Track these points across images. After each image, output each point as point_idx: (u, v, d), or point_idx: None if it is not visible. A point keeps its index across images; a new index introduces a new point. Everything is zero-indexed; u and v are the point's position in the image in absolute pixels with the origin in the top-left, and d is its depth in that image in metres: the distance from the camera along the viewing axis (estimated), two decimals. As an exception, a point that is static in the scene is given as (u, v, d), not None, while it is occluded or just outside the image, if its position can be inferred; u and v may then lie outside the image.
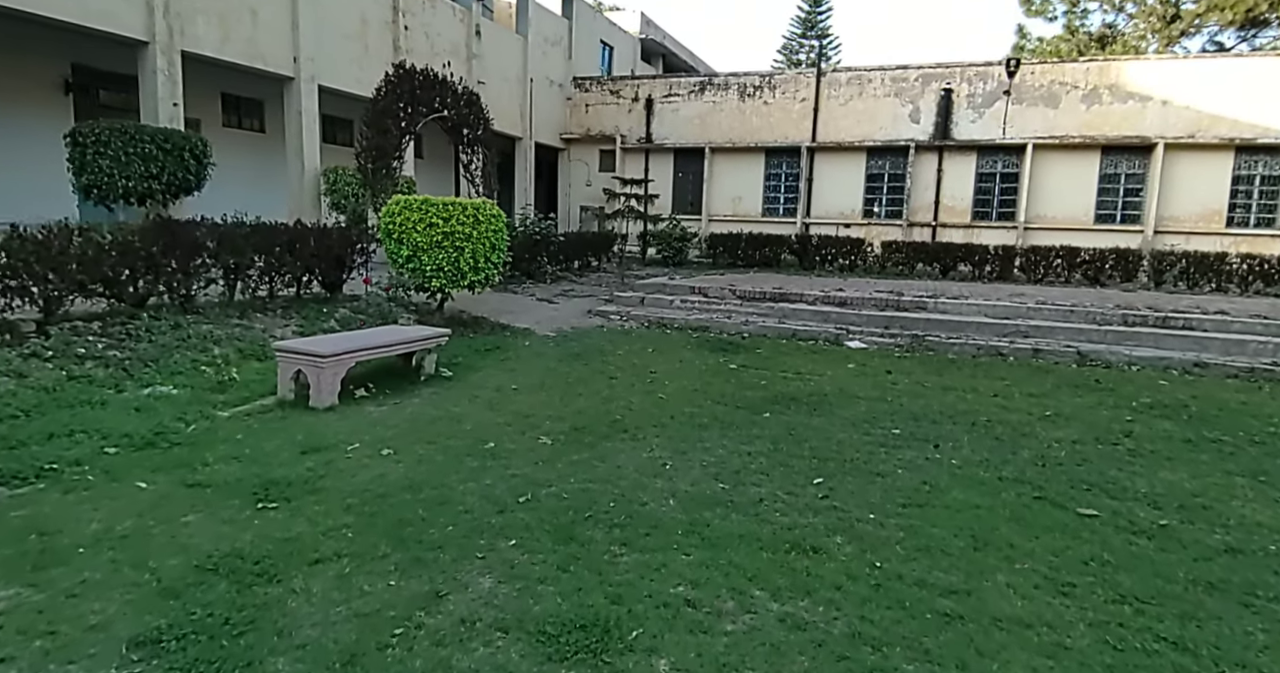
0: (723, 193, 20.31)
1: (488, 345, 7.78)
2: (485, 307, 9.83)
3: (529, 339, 8.37)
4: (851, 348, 8.76)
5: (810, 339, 9.09)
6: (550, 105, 20.72)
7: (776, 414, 5.49)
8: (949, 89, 18.74)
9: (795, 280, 12.68)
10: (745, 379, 6.78)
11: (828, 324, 9.42)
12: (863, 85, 19.04)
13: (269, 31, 11.21)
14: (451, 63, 16.07)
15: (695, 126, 20.35)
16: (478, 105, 10.42)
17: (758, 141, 19.66)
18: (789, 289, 10.51)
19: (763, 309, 9.88)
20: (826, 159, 19.42)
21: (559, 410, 5.41)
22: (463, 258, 7.72)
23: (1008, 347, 8.55)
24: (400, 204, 7.63)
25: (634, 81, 21.19)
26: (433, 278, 7.65)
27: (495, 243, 8.17)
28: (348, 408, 5.24)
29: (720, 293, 10.32)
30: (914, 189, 18.84)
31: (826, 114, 19.23)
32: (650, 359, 7.60)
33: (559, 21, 21.09)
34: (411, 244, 7.61)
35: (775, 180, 19.97)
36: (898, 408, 5.83)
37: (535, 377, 6.56)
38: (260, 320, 7.25)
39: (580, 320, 9.74)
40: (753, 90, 19.77)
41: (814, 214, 19.56)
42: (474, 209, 7.82)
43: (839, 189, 19.32)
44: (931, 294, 10.35)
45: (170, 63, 9.59)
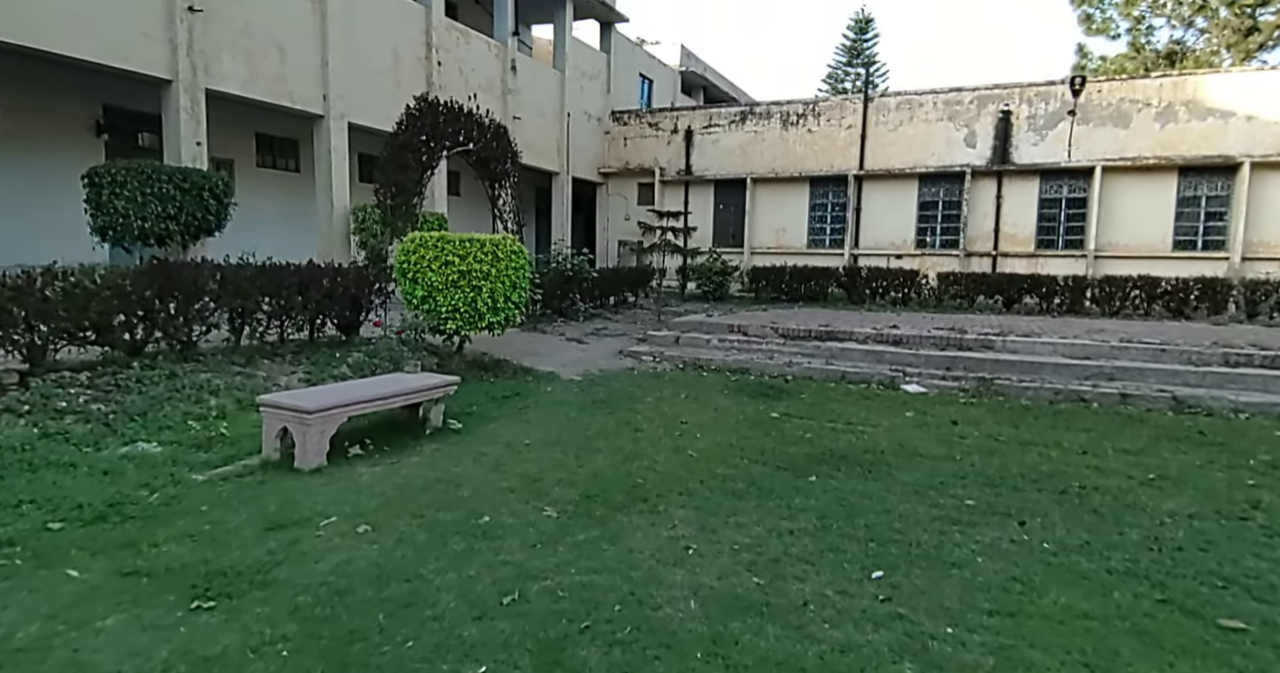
0: (765, 224, 19.70)
1: (506, 392, 7.24)
2: (509, 348, 9.33)
3: (552, 384, 7.80)
4: (909, 392, 7.95)
5: (861, 382, 8.31)
6: (588, 139, 20.54)
7: (824, 477, 4.76)
8: (1007, 111, 17.91)
9: (843, 316, 11.90)
10: (788, 431, 6.06)
11: (881, 365, 8.63)
12: (913, 110, 18.34)
13: (298, 69, 11.17)
14: (485, 97, 15.99)
15: (736, 157, 19.88)
16: (505, 138, 10.10)
17: (802, 171, 19.06)
18: (837, 326, 9.77)
19: (808, 349, 9.15)
20: (875, 187, 18.68)
21: (572, 472, 4.78)
22: (480, 298, 7.24)
23: (1090, 391, 7.62)
24: (415, 241, 7.23)
25: (673, 113, 20.92)
26: (448, 320, 7.18)
27: (516, 281, 7.68)
28: (337, 469, 4.71)
29: (761, 331, 9.64)
30: (971, 217, 17.93)
31: (875, 141, 18.55)
32: (682, 407, 6.94)
33: (597, 56, 21.04)
34: (426, 284, 7.17)
35: (821, 210, 19.28)
36: (969, 469, 5.03)
37: (552, 429, 5.96)
38: (266, 367, 6.85)
39: (610, 362, 9.15)
40: (796, 118, 19.25)
41: (862, 245, 18.76)
42: (493, 246, 7.36)
43: (889, 218, 18.51)
44: (998, 331, 9.47)
45: (194, 101, 9.53)
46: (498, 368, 8.32)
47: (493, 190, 10.48)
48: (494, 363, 8.47)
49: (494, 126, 9.99)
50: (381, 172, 8.39)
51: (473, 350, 8.81)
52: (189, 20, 9.27)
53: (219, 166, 13.03)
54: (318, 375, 6.93)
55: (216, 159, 12.98)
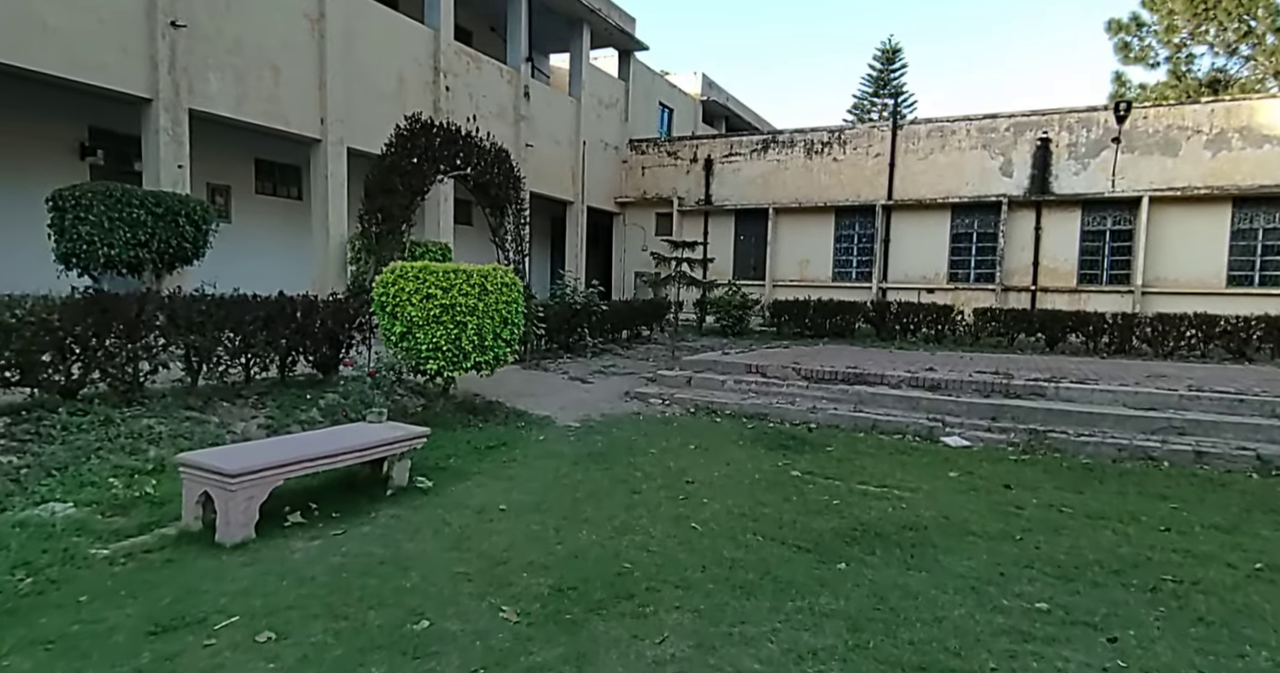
0: (788, 256, 18.97)
1: (492, 441, 6.48)
2: (505, 388, 8.61)
3: (545, 432, 7.04)
4: (950, 446, 7.07)
5: (895, 433, 7.44)
6: (604, 168, 20.07)
7: (856, 564, 3.91)
8: (1046, 138, 17.13)
9: (873, 356, 11.04)
10: (811, 496, 5.22)
11: (917, 414, 7.75)
12: (945, 137, 17.63)
13: (293, 90, 10.75)
14: (497, 124, 15.56)
15: (758, 186, 19.25)
16: (507, 163, 9.52)
17: (827, 201, 18.37)
18: (866, 367, 8.92)
19: (834, 393, 8.30)
20: (905, 218, 17.90)
21: (548, 550, 3.99)
22: (465, 335, 6.54)
23: (1159, 448, 6.69)
24: (394, 272, 6.57)
25: (692, 142, 20.41)
26: (429, 359, 6.48)
27: (508, 316, 6.98)
28: (266, 544, 3.96)
29: (782, 372, 8.82)
30: (1008, 249, 17.05)
31: (904, 169, 17.83)
32: (689, 461, 6.12)
33: (615, 84, 20.68)
34: (406, 319, 6.49)
35: (847, 242, 18.52)
36: (1034, 554, 4.16)
37: (536, 489, 5.18)
38: (224, 412, 6.17)
39: (614, 405, 8.38)
40: (820, 147, 18.62)
41: (891, 278, 17.92)
42: (481, 277, 6.68)
43: (920, 250, 17.69)
44: (1049, 376, 8.56)
45: (175, 121, 9.08)
46: (488, 411, 7.59)
47: (494, 217, 9.88)
48: (485, 406, 7.74)
49: (495, 150, 9.42)
50: (368, 196, 7.80)
51: (463, 391, 8.10)
52: (171, 36, 8.86)
53: (215, 193, 12.64)
54: (282, 421, 6.23)
55: (213, 185, 12.59)
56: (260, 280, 8.05)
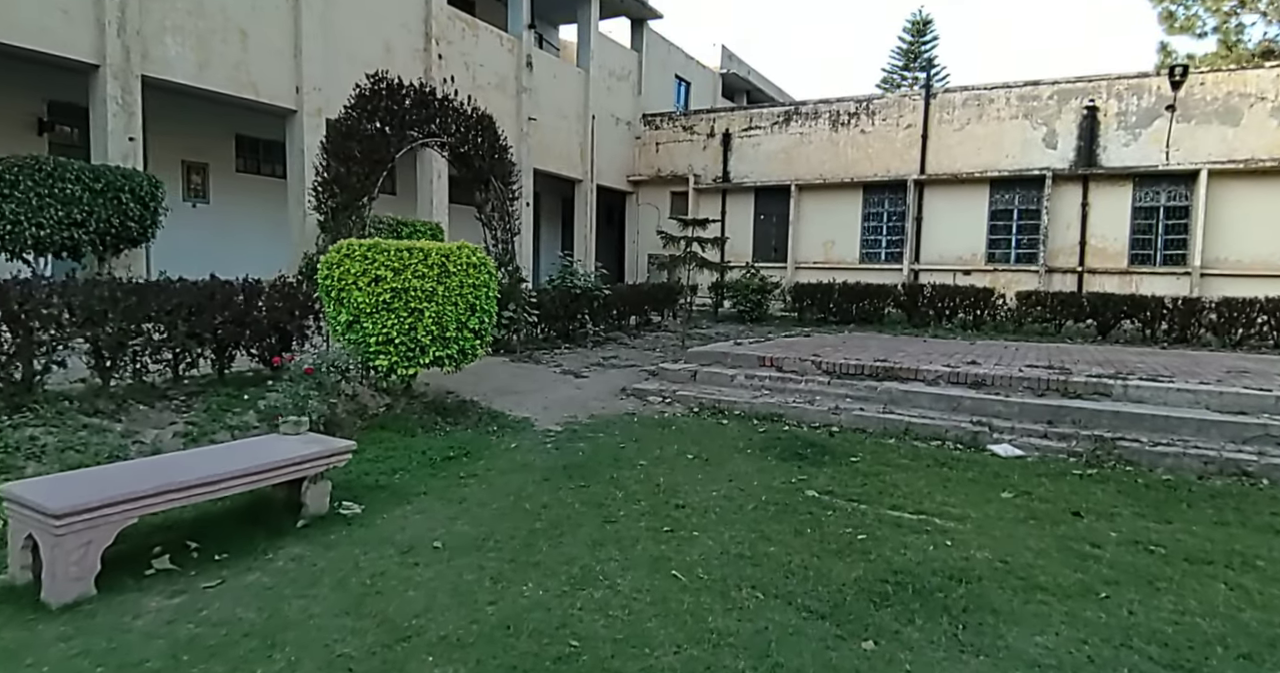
0: (812, 236, 17.75)
1: (454, 449, 5.51)
2: (485, 384, 7.65)
3: (520, 437, 6.05)
4: (1000, 456, 5.96)
5: (933, 438, 6.34)
6: (615, 145, 18.96)
7: (889, 640, 2.87)
8: (1093, 107, 15.69)
9: (904, 345, 9.89)
10: (830, 527, 4.17)
11: (958, 415, 6.64)
12: (983, 107, 16.24)
13: (264, 57, 9.81)
14: (497, 97, 14.51)
15: (779, 162, 18.03)
16: (492, 131, 8.49)
17: (854, 176, 17.10)
18: (898, 359, 7.80)
19: (861, 390, 7.21)
20: (939, 194, 16.58)
21: (473, 617, 3.00)
22: (421, 325, 5.56)
23: (1255, 461, 5.53)
24: (340, 252, 5.61)
25: (709, 115, 19.20)
26: (378, 353, 5.52)
27: (476, 303, 5.99)
28: (108, 603, 3.03)
29: (800, 365, 7.74)
30: (1052, 228, 15.69)
31: (938, 142, 16.49)
32: (684, 476, 5.10)
33: (627, 54, 19.51)
34: (352, 306, 5.53)
35: (876, 220, 17.25)
36: (1127, 622, 3.08)
37: (487, 516, 4.20)
38: (139, 416, 5.27)
39: (606, 403, 7.37)
40: (847, 118, 17.32)
41: (924, 259, 16.65)
42: (441, 257, 5.69)
43: (956, 229, 16.37)
44: (1113, 371, 7.39)
45: (125, 90, 8.18)
46: (459, 412, 6.62)
47: (479, 193, 8.89)
48: (456, 405, 6.78)
49: (478, 117, 8.39)
50: (322, 166, 6.85)
51: (436, 388, 7.15)
52: (121, -5, 7.96)
53: (191, 172, 11.81)
54: (207, 427, 5.32)
55: (189, 163, 11.76)
56: (241, 265, 7.20)
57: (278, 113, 10.42)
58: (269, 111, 10.36)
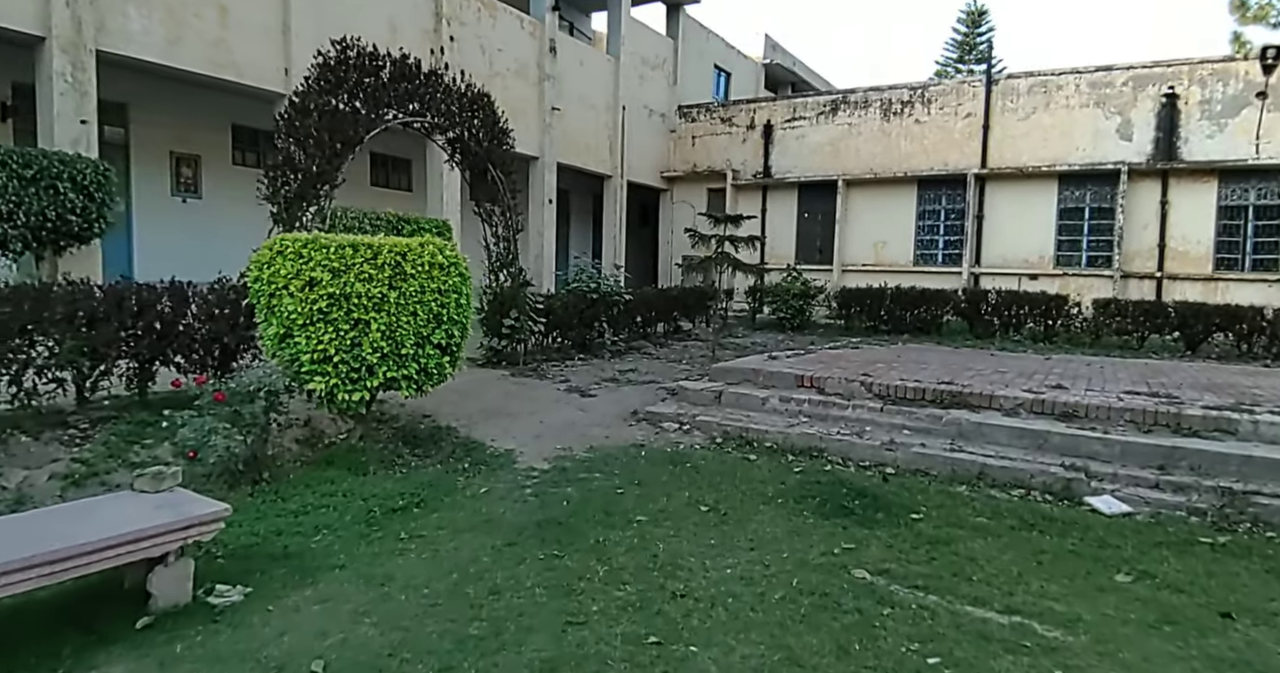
0: (861, 236, 16.32)
1: (406, 497, 4.41)
2: (474, 404, 6.56)
3: (494, 479, 4.91)
4: (1103, 513, 4.62)
5: (1014, 486, 5.03)
6: (649, 138, 17.80)
7: None
8: (1172, 94, 13.97)
9: (971, 361, 8.50)
10: (889, 640, 2.94)
11: (1046, 457, 5.29)
12: (1050, 94, 14.62)
13: (248, 34, 8.91)
14: (517, 84, 13.48)
15: (825, 155, 16.64)
16: (489, 111, 7.42)
17: (908, 170, 15.62)
18: (966, 382, 6.47)
19: (921, 420, 5.90)
20: (1002, 189, 15.01)
21: None
22: (368, 339, 4.47)
23: None
24: (273, 247, 4.56)
25: (749, 106, 17.90)
26: (313, 374, 4.45)
27: (443, 312, 4.88)
28: None
29: (846, 388, 6.45)
30: (1128, 228, 14.02)
31: (1000, 132, 14.93)
32: (691, 542, 3.91)
33: (662, 41, 18.33)
34: (284, 316, 4.47)
35: (932, 219, 15.74)
36: None
37: (410, 613, 3.07)
38: (17, 450, 4.29)
39: (612, 431, 6.19)
40: (900, 107, 15.86)
41: (985, 262, 15.09)
42: (395, 255, 4.60)
43: (1021, 229, 14.79)
44: (1232, 401, 5.95)
45: (76, 65, 7.32)
46: (432, 442, 5.53)
47: (474, 184, 7.82)
48: (430, 433, 5.69)
49: (472, 94, 7.32)
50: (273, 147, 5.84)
51: (412, 410, 6.09)
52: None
53: (181, 163, 11.03)
54: (101, 466, 4.32)
55: (178, 155, 10.99)
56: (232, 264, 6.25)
57: (265, 97, 9.52)
58: (255, 96, 9.47)
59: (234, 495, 4.33)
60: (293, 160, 5.69)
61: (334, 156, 5.89)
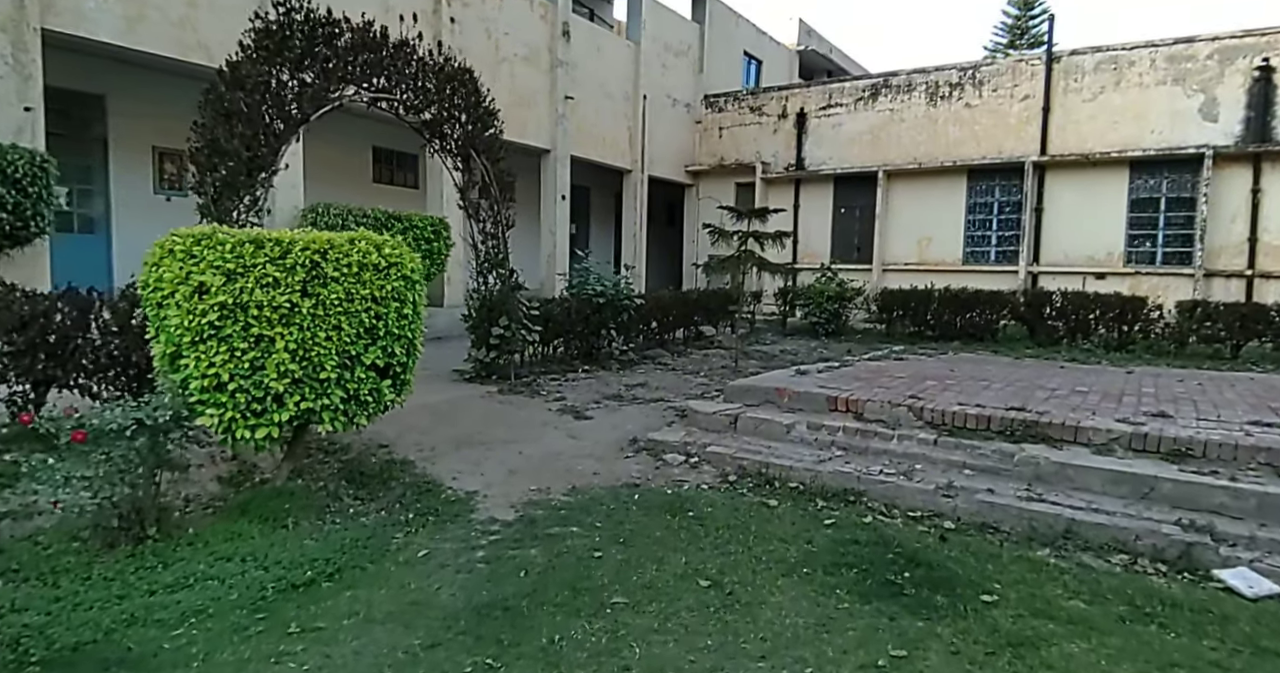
0: (903, 232, 15.07)
1: (321, 565, 3.46)
2: (446, 429, 5.62)
3: (442, 536, 3.93)
4: (1242, 596, 3.47)
5: (1114, 550, 3.89)
6: (672, 130, 16.78)
7: None
8: (1267, 67, 12.48)
9: (1041, 378, 7.30)
10: None
11: (1152, 509, 4.14)
12: (1120, 71, 13.22)
13: (217, 13, 8.13)
14: (527, 70, 12.58)
15: (864, 145, 15.43)
16: (471, 88, 6.48)
17: (957, 159, 14.34)
18: (1040, 408, 5.31)
19: (987, 458, 4.77)
20: (1064, 179, 13.66)
21: None
22: (272, 360, 3.53)
23: None
24: (165, 246, 3.65)
25: (780, 93, 16.76)
26: (203, 405, 3.52)
27: (379, 324, 3.92)
28: None
29: (891, 413, 5.35)
30: (1212, 220, 12.57)
31: (1063, 115, 13.57)
32: (680, 645, 2.88)
33: (686, 26, 17.29)
34: (171, 331, 3.56)
35: (983, 212, 14.43)
36: None
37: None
38: None
39: (603, 465, 5.18)
40: (948, 90, 14.58)
41: (1044, 260, 13.75)
42: (312, 254, 3.65)
43: (1085, 222, 13.42)
44: (1404, 435, 4.70)
45: (17, 46, 6.57)
46: (380, 481, 4.59)
47: (459, 172, 6.89)
48: (381, 469, 4.75)
49: (451, 70, 6.39)
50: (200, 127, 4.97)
51: (367, 439, 5.17)
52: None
53: (165, 159, 10.34)
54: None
55: (161, 150, 10.30)
56: None
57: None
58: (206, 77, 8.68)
59: (108, 559, 3.45)
60: (217, 143, 4.79)
61: (273, 138, 4.99)
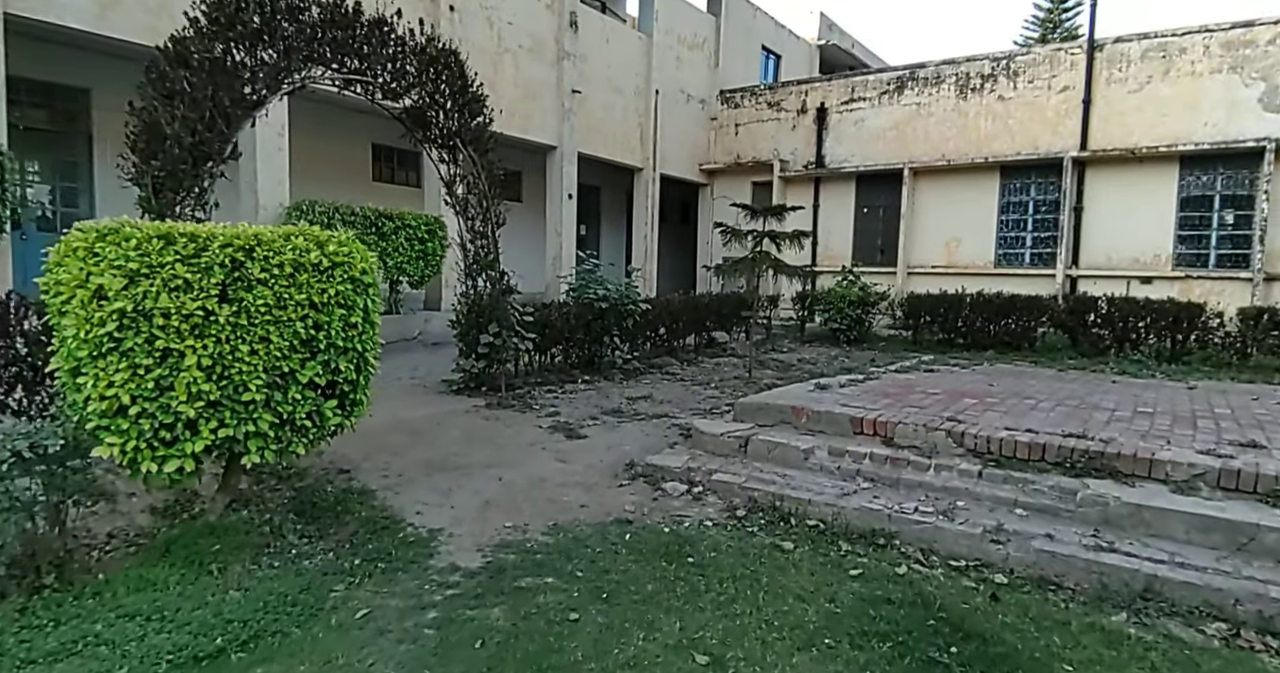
0: (931, 233, 14.32)
1: (232, 631, 2.85)
2: (421, 449, 5.03)
3: (392, 586, 3.32)
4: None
5: (1210, 617, 3.19)
6: (685, 126, 16.15)
7: None
8: (1331, 53, 11.61)
9: (1094, 396, 6.57)
10: None
11: (1254, 563, 3.43)
12: (1170, 59, 12.40)
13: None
14: (532, 62, 12.04)
15: (889, 141, 14.70)
16: (457, 71, 5.91)
17: (989, 155, 13.58)
18: (1104, 435, 4.61)
19: (1043, 494, 4.08)
20: (1106, 176, 12.85)
21: None
22: (181, 381, 2.95)
23: None
24: (70, 242, 3.08)
25: (799, 87, 16.07)
26: (102, 432, 2.95)
27: (319, 335, 3.33)
28: None
29: (927, 439, 4.67)
30: (1274, 219, 11.70)
31: (1105, 107, 12.77)
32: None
33: (702, 18, 16.67)
34: (70, 344, 2.99)
35: (1018, 212, 13.65)
36: None
37: None
38: None
39: (594, 496, 4.55)
40: (980, 82, 13.82)
41: (1084, 262, 12.94)
42: (234, 252, 3.07)
43: (1130, 222, 12.59)
44: None
45: (-34, 30, 6.12)
46: (334, 514, 3.99)
47: (445, 164, 6.32)
48: (336, 500, 4.15)
49: (435, 52, 5.82)
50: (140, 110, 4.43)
51: (331, 458, 4.60)
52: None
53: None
54: None
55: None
56: None
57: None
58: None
59: (-12, 615, 2.89)
60: (158, 127, 4.24)
61: (222, 122, 4.43)
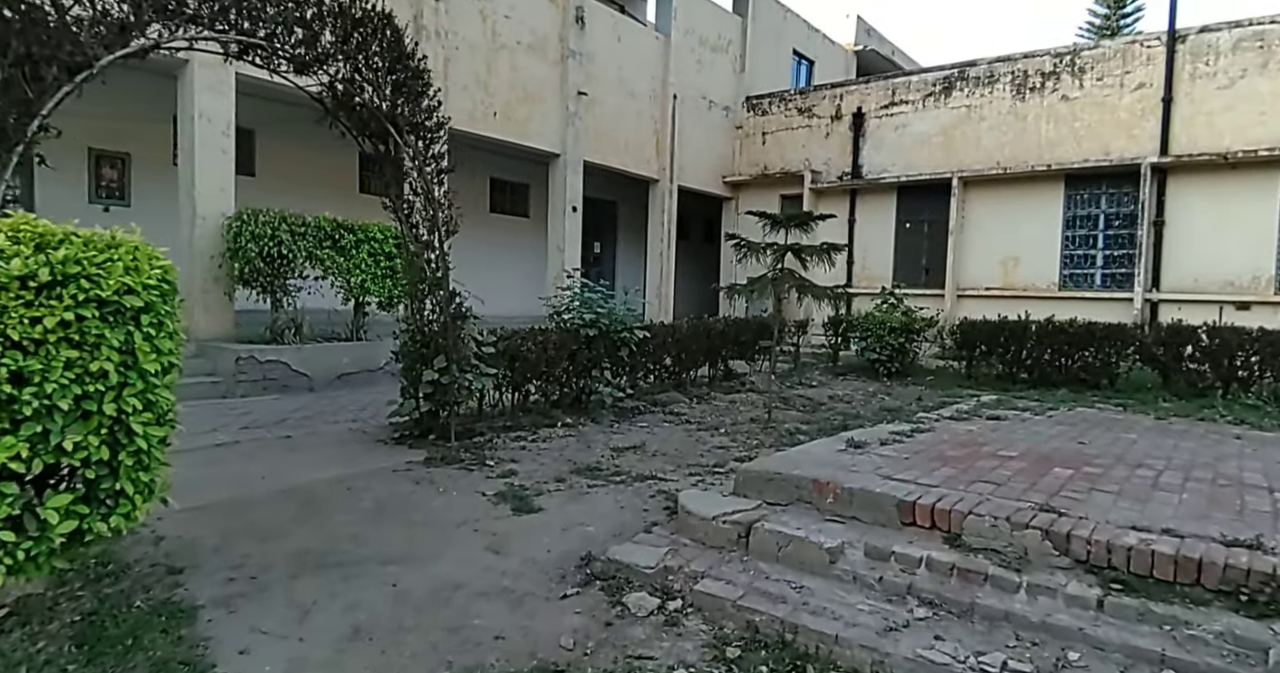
0: (983, 251, 12.79)
1: None
2: (301, 532, 3.73)
3: None
4: None
5: None
6: (708, 135, 14.92)
7: None
8: None
9: (1218, 454, 5.02)
10: None
11: None
12: (1268, 49, 10.82)
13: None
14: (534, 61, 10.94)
15: (935, 148, 13.27)
16: (392, 35, 4.72)
17: (1052, 162, 12.06)
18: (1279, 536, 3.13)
19: (1208, 647, 2.62)
20: (1192, 185, 11.24)
21: None
22: None
23: None
24: None
25: (833, 92, 14.75)
26: None
27: (23, 395, 2.05)
28: None
29: (1011, 541, 3.23)
30: (1396, 234, 9.98)
31: (1190, 107, 11.20)
32: None
33: (727, 19, 15.50)
34: None
35: (1086, 227, 12.07)
36: None
37: None
38: None
39: (525, 616, 3.17)
40: (1040, 80, 12.36)
41: (1166, 285, 11.30)
42: None
43: (1222, 238, 10.95)
44: None
45: None
46: (123, 649, 2.69)
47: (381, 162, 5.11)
48: (136, 626, 2.85)
49: (363, 15, 4.64)
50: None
51: (173, 547, 3.33)
52: None
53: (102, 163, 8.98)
54: None
55: (99, 152, 8.96)
56: None
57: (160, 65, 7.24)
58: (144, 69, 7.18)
59: None
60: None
61: (26, 91, 3.29)
